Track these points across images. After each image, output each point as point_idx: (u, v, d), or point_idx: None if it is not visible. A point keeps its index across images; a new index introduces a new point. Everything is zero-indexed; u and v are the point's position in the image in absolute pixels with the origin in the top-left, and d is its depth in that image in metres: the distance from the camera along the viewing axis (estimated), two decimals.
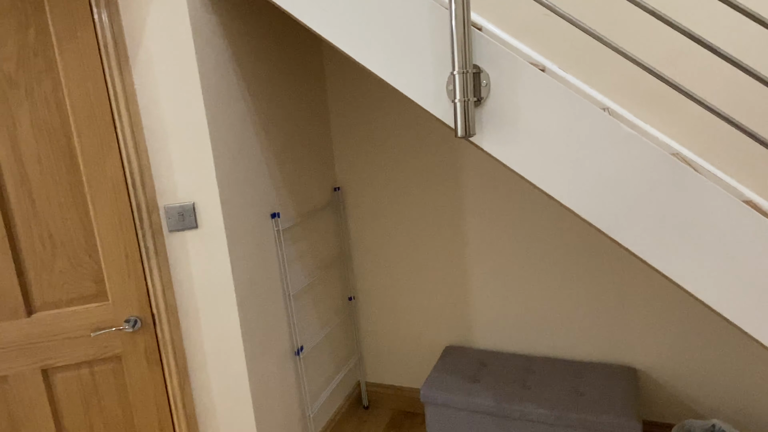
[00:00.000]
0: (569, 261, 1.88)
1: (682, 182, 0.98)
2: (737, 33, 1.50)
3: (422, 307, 2.16)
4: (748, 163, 1.59)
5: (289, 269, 1.80)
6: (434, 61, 1.10)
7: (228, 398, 1.60)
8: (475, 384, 1.81)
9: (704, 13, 1.51)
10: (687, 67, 1.57)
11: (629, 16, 1.59)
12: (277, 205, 1.73)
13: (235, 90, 1.53)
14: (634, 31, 1.60)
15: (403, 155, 2.03)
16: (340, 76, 2.04)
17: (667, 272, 1.01)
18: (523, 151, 1.08)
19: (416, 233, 2.08)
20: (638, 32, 1.60)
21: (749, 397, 1.76)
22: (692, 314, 1.77)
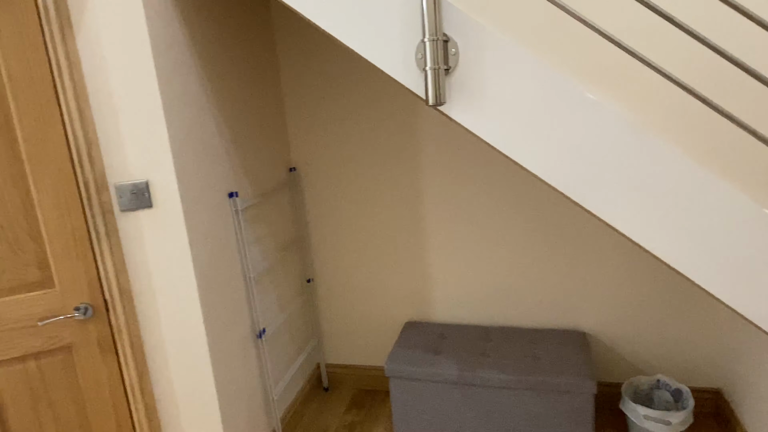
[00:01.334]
0: (523, 234, 1.95)
1: (644, 146, 1.03)
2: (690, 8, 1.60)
3: (381, 286, 2.17)
4: (694, 134, 1.70)
5: (249, 251, 1.75)
6: (403, 29, 1.10)
7: (190, 385, 1.54)
8: (437, 356, 1.85)
9: None
10: (637, 43, 1.65)
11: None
12: (234, 184, 1.68)
13: (189, 63, 1.46)
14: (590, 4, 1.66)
15: (360, 134, 2.02)
16: (293, 54, 1.99)
17: (630, 234, 1.07)
18: (492, 119, 1.10)
19: (374, 212, 2.09)
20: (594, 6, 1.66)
21: (687, 351, 1.91)
22: (633, 280, 1.89)
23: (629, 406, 1.69)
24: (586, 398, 1.64)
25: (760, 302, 1.05)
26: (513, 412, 1.73)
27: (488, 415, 1.77)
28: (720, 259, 1.04)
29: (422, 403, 1.83)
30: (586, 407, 1.65)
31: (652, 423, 1.62)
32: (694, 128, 1.69)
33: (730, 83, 1.62)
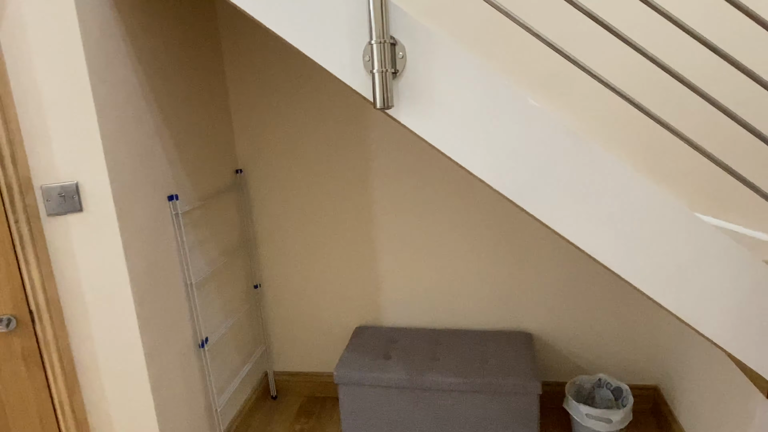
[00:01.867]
0: (471, 238, 1.97)
1: (582, 152, 1.06)
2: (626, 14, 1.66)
3: (331, 291, 2.14)
4: (631, 142, 1.77)
5: (191, 256, 1.68)
6: (350, 31, 1.08)
7: (125, 399, 1.46)
8: (387, 360, 1.83)
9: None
10: (575, 50, 1.71)
11: None
12: (174, 186, 1.61)
13: (125, 58, 1.38)
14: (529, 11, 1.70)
15: (309, 136, 1.98)
16: (239, 53, 1.93)
17: (570, 236, 1.09)
18: (438, 123, 1.10)
19: (323, 216, 2.05)
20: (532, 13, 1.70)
21: (627, 351, 1.99)
22: (576, 282, 1.95)
23: (572, 405, 1.73)
24: (531, 399, 1.67)
25: (691, 302, 1.09)
26: (462, 414, 1.74)
27: (438, 419, 1.77)
28: (654, 262, 1.08)
29: (372, 409, 1.81)
30: (532, 407, 1.68)
31: (593, 421, 1.66)
32: (633, 135, 1.76)
33: (669, 92, 1.69)
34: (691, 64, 1.63)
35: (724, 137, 1.68)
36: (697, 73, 1.63)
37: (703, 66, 1.62)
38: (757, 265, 1.07)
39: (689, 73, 1.64)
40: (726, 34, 1.59)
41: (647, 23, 1.62)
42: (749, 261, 1.07)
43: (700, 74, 1.63)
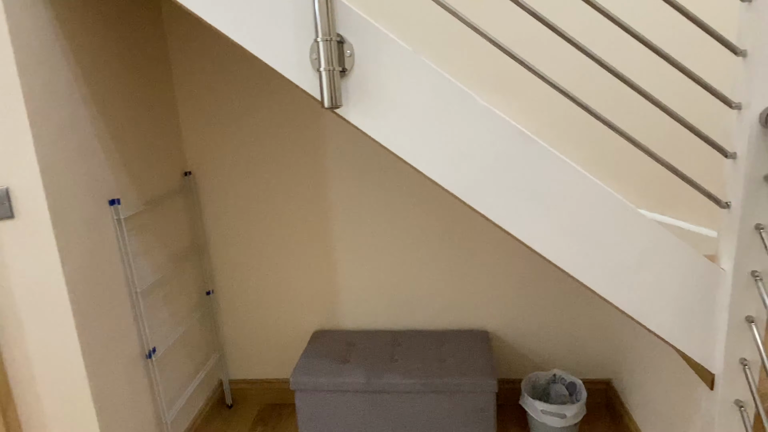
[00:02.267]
0: (428, 239, 1.97)
1: (531, 151, 1.07)
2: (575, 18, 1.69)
3: (287, 295, 2.09)
4: (573, 143, 1.81)
5: (135, 263, 1.61)
6: (296, 28, 1.05)
7: (66, 416, 1.38)
8: (345, 364, 1.81)
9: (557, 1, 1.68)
10: (526, 52, 1.73)
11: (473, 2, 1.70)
12: (116, 190, 1.53)
13: (59, 55, 1.30)
14: (482, 14, 1.71)
15: (261, 137, 1.93)
16: (187, 52, 1.87)
17: (519, 235, 1.10)
18: (387, 123, 1.09)
19: (278, 219, 2.01)
20: (485, 16, 1.71)
21: (581, 346, 2.03)
22: (531, 280, 1.97)
23: (528, 402, 1.75)
24: (488, 397, 1.68)
25: (636, 298, 1.12)
26: (420, 415, 1.74)
27: (396, 421, 1.75)
28: (601, 259, 1.10)
29: (330, 414, 1.77)
30: (489, 405, 1.69)
31: (549, 417, 1.69)
32: (584, 135, 1.80)
33: (618, 94, 1.74)
34: (639, 67, 1.68)
35: (670, 137, 1.74)
36: (643, 74, 1.68)
37: (650, 68, 1.67)
38: (699, 261, 1.10)
39: (637, 75, 1.68)
40: (670, 37, 1.65)
41: (596, 26, 1.66)
42: (692, 257, 1.10)
43: (647, 76, 1.68)
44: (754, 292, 1.07)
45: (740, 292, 1.08)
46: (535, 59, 1.72)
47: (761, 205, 1.03)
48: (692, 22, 1.01)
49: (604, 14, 1.01)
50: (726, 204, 1.08)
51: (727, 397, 1.13)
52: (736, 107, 1.04)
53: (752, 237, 1.05)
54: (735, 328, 1.10)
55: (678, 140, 1.73)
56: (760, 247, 1.05)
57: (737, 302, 1.08)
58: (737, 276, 1.07)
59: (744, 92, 1.02)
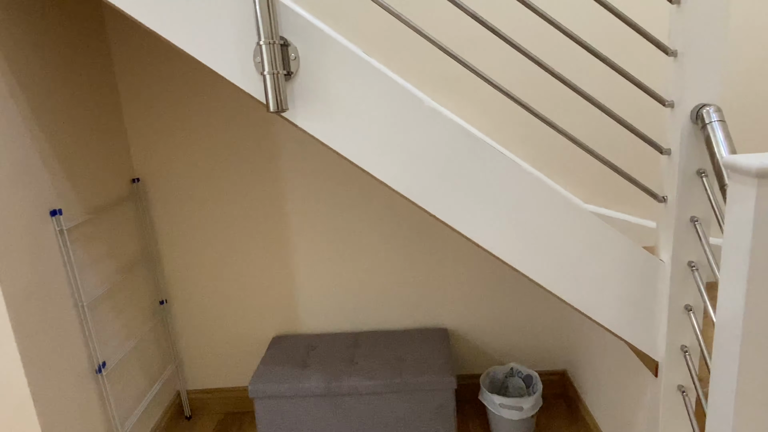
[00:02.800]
0: (385, 238, 1.98)
1: (478, 152, 1.08)
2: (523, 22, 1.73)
3: (245, 301, 2.06)
4: (523, 142, 1.85)
5: (81, 275, 1.54)
6: (239, 32, 1.03)
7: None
8: (305, 369, 1.79)
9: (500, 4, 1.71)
10: (472, 55, 1.75)
11: (425, 2, 1.71)
12: (57, 200, 1.47)
13: None
14: (432, 17, 1.73)
15: (213, 141, 1.89)
16: (131, 55, 1.81)
17: (468, 234, 1.12)
18: (335, 126, 1.09)
19: (233, 224, 1.97)
20: (435, 19, 1.73)
21: (536, 339, 2.08)
22: (487, 277, 2.01)
23: (486, 397, 1.78)
24: (447, 394, 1.70)
25: (581, 290, 1.15)
26: (381, 415, 1.74)
27: (358, 423, 1.75)
28: (546, 254, 1.12)
29: (290, 420, 1.76)
30: (448, 402, 1.71)
31: (506, 410, 1.72)
32: (534, 134, 1.84)
33: (564, 94, 1.78)
34: (583, 68, 1.73)
35: (613, 135, 1.80)
36: (586, 75, 1.74)
37: (593, 69, 1.73)
38: (640, 253, 1.14)
39: (580, 77, 1.74)
40: (608, 40, 1.70)
41: (542, 30, 1.70)
42: (633, 250, 1.14)
43: (590, 77, 1.74)
44: (691, 282, 1.12)
45: (679, 282, 1.13)
46: (484, 61, 1.75)
47: (695, 198, 1.08)
48: (627, 24, 1.05)
49: (546, 19, 1.04)
50: (663, 198, 1.12)
51: (670, 382, 1.18)
52: (669, 105, 1.08)
53: (688, 229, 1.10)
54: (675, 316, 1.14)
55: (620, 138, 1.80)
56: (696, 239, 1.10)
57: (676, 292, 1.13)
58: (675, 267, 1.12)
59: (676, 91, 1.06)
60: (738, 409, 0.91)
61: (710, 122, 1.00)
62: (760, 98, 1.73)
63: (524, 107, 1.09)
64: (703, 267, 1.11)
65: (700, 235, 1.08)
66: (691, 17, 1.01)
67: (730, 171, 0.85)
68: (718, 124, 1.00)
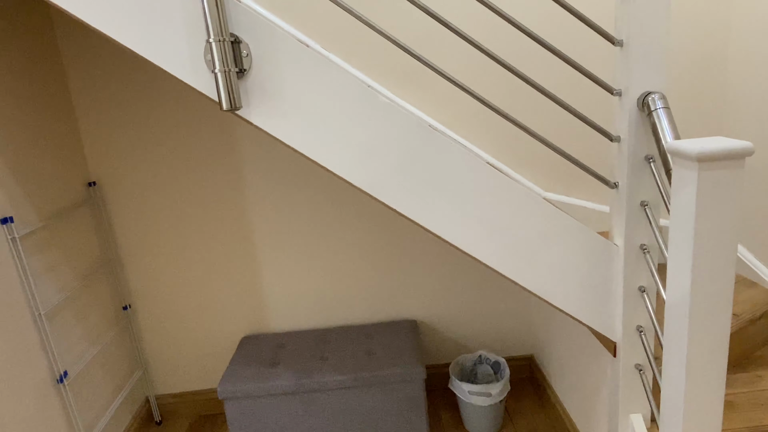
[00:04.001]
0: (351, 233, 1.98)
1: (434, 144, 1.09)
2: (475, 15, 1.74)
3: (212, 303, 2.03)
4: (487, 132, 1.87)
5: (37, 283, 1.50)
6: (188, 29, 1.01)
7: None
8: (275, 368, 1.78)
9: None
10: (434, 47, 1.76)
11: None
12: (8, 208, 1.42)
13: None
14: (389, 14, 1.73)
15: (172, 141, 1.85)
16: (80, 53, 1.75)
17: (428, 226, 1.13)
18: (291, 123, 1.08)
19: (195, 225, 1.94)
20: (392, 15, 1.73)
21: (503, 326, 2.12)
22: (452, 266, 2.03)
23: (456, 385, 1.81)
24: (417, 385, 1.72)
25: (539, 276, 1.18)
26: (353, 410, 1.75)
27: (330, 418, 1.76)
28: (504, 242, 1.15)
29: (261, 419, 1.75)
30: (418, 393, 1.73)
31: (476, 397, 1.75)
32: (493, 126, 1.86)
33: (518, 86, 1.81)
34: (535, 60, 1.76)
35: (567, 124, 1.84)
36: (539, 67, 1.77)
37: (544, 61, 1.76)
38: (594, 238, 1.18)
39: (533, 68, 1.77)
40: (557, 31, 1.74)
41: (496, 23, 1.72)
42: (588, 235, 1.17)
43: (543, 68, 1.77)
44: (643, 264, 1.16)
45: (632, 265, 1.16)
46: (441, 54, 1.77)
47: (644, 183, 1.12)
48: (575, 16, 1.07)
49: (498, 13, 1.05)
50: (614, 184, 1.16)
51: (628, 362, 1.23)
52: (617, 94, 1.12)
53: (639, 213, 1.14)
54: (630, 298, 1.18)
55: (574, 127, 1.84)
56: (646, 223, 1.14)
57: (630, 274, 1.17)
58: (628, 250, 1.15)
59: (623, 80, 1.10)
60: (689, 384, 0.95)
61: (655, 109, 1.04)
62: (704, 85, 1.80)
63: (480, 100, 1.10)
64: (654, 249, 1.15)
65: (650, 219, 1.12)
66: (636, 8, 1.04)
67: (674, 156, 0.88)
68: (662, 111, 1.03)
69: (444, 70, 1.11)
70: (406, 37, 1.75)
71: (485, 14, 1.73)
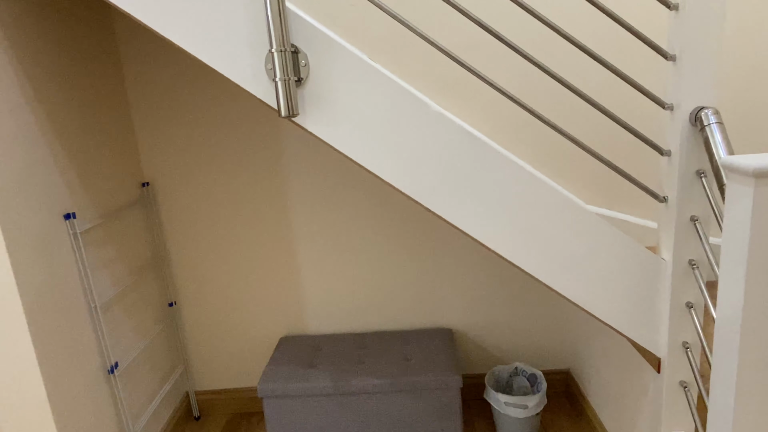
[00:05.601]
0: (390, 239, 2.01)
1: (482, 154, 1.12)
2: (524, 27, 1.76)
3: (252, 303, 2.09)
4: (526, 144, 1.88)
5: (94, 277, 1.58)
6: (251, 39, 1.07)
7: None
8: (312, 369, 1.82)
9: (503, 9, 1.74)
10: (476, 59, 1.79)
11: (428, 7, 1.75)
12: (71, 204, 1.50)
13: (7, 68, 1.27)
14: (434, 22, 1.76)
15: (221, 145, 1.92)
16: (140, 61, 1.84)
17: (475, 234, 1.15)
18: (344, 130, 1.12)
19: (240, 227, 2.00)
20: (438, 24, 1.76)
21: (540, 338, 2.11)
22: (489, 276, 2.04)
23: (491, 395, 1.81)
24: (453, 393, 1.73)
25: (584, 288, 1.18)
26: (388, 415, 1.77)
27: (366, 422, 1.78)
28: (550, 252, 1.15)
29: (299, 419, 1.78)
30: (454, 401, 1.73)
31: (512, 408, 1.75)
32: (536, 136, 1.87)
33: (564, 97, 1.82)
34: (585, 71, 1.76)
35: (614, 136, 1.83)
36: (588, 78, 1.77)
37: (595, 72, 1.76)
38: (642, 252, 1.17)
39: (582, 80, 1.77)
40: (609, 43, 1.74)
41: (545, 33, 1.74)
42: (635, 249, 1.17)
43: (592, 79, 1.77)
44: (692, 280, 1.15)
45: (680, 280, 1.15)
46: (486, 63, 1.79)
47: (695, 198, 1.11)
48: (627, 30, 1.08)
49: (548, 24, 1.07)
50: (663, 198, 1.15)
51: (673, 378, 1.21)
52: (668, 108, 1.11)
53: (688, 228, 1.13)
54: (676, 313, 1.17)
55: (621, 139, 1.83)
56: (696, 238, 1.13)
57: (677, 290, 1.16)
58: (676, 265, 1.15)
59: (675, 94, 1.09)
60: (738, 403, 0.94)
61: (709, 124, 1.03)
62: (757, 101, 1.76)
63: (528, 110, 1.12)
64: (703, 265, 1.14)
65: (700, 234, 1.11)
66: (689, 22, 1.04)
67: (728, 171, 0.88)
68: (716, 126, 1.03)
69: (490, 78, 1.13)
70: (452, 44, 1.78)
71: (527, 26, 1.74)
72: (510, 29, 1.74)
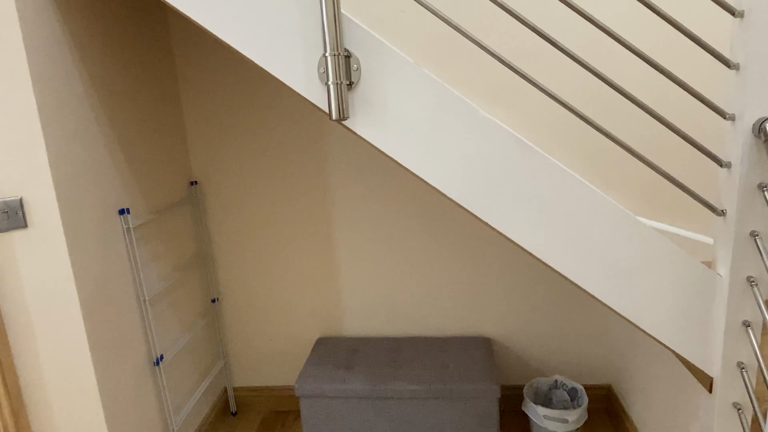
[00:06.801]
0: (429, 246, 2.00)
1: (531, 161, 1.10)
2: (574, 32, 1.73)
3: (291, 303, 2.12)
4: (572, 152, 1.84)
5: (144, 271, 1.63)
6: (305, 43, 1.09)
7: (76, 420, 1.40)
8: (349, 371, 1.83)
9: (555, 15, 1.72)
10: (527, 63, 1.77)
11: (482, 14, 1.74)
12: (125, 200, 1.56)
13: (71, 66, 1.34)
14: (483, 28, 1.75)
15: (266, 146, 1.97)
16: (193, 62, 1.91)
17: (522, 243, 1.13)
18: (394, 135, 1.12)
19: (282, 227, 2.04)
20: (486, 30, 1.76)
21: (581, 352, 2.05)
22: (532, 287, 2.00)
23: (530, 407, 1.77)
24: (491, 402, 1.70)
25: (634, 301, 1.15)
26: (424, 421, 1.76)
27: (400, 427, 1.77)
28: (600, 264, 1.13)
29: (334, 420, 1.79)
30: (492, 411, 1.71)
31: (551, 422, 1.71)
32: (582, 144, 1.83)
33: (615, 103, 1.78)
34: (639, 78, 1.72)
35: (668, 146, 1.78)
36: (643, 85, 1.72)
37: (650, 79, 1.72)
38: (696, 267, 1.13)
39: (636, 87, 1.72)
40: (667, 50, 1.69)
41: (597, 39, 1.70)
42: (689, 263, 1.13)
43: (646, 87, 1.72)
44: (750, 297, 1.10)
45: (737, 297, 1.11)
46: (535, 69, 1.76)
47: (755, 212, 1.07)
48: (688, 37, 1.05)
49: (605, 31, 1.05)
50: (722, 212, 1.11)
51: (726, 400, 1.16)
52: (729, 118, 1.07)
53: (747, 243, 1.08)
54: (732, 332, 1.12)
55: (676, 149, 1.77)
56: (755, 254, 1.08)
57: (734, 307, 1.11)
58: (734, 281, 1.10)
59: (737, 104, 1.05)
60: None
61: None
62: None
63: (582, 118, 1.10)
64: (762, 283, 1.09)
65: (760, 250, 1.06)
66: (754, 30, 1.01)
67: None
68: None
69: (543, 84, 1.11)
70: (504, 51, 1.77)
71: (581, 33, 1.71)
72: (564, 35, 1.72)
